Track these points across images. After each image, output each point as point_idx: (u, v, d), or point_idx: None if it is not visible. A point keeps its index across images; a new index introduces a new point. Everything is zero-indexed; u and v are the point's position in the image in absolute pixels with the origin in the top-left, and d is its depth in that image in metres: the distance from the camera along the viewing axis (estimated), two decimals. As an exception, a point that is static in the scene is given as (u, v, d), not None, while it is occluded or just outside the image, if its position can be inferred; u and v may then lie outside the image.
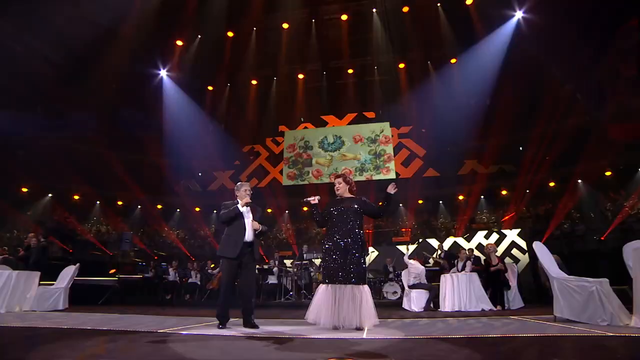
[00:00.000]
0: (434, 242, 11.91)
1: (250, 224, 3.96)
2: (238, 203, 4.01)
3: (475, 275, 7.02)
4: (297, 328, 3.78)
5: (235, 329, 3.69)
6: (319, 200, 4.20)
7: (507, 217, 12.72)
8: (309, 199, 4.18)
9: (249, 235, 3.92)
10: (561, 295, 4.32)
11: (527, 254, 11.28)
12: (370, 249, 11.78)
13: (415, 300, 6.91)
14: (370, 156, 16.59)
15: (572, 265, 7.66)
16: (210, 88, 16.62)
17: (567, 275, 4.46)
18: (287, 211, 17.22)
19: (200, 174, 18.36)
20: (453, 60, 14.26)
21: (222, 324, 3.73)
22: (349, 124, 17.43)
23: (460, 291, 6.83)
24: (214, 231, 16.83)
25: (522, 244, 11.64)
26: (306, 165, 16.93)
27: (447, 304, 6.80)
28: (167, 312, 6.07)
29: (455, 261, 8.06)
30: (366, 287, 3.79)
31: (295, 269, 9.58)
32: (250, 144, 17.93)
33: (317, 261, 9.87)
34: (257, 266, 9.72)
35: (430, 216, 16.00)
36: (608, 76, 10.40)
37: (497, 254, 7.89)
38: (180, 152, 15.96)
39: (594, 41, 10.00)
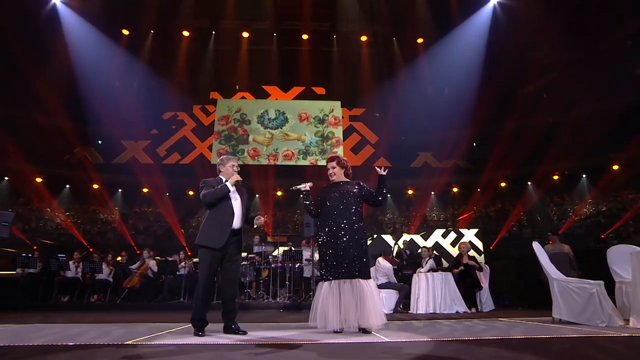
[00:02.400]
0: (389, 239, 12.36)
1: (239, 207, 3.83)
2: (223, 180, 3.85)
3: (450, 275, 7.43)
4: (293, 333, 3.74)
5: (220, 335, 3.54)
6: (310, 187, 4.18)
7: (463, 216, 13.94)
8: (298, 186, 4.12)
9: (237, 222, 3.77)
10: (561, 296, 4.78)
11: (483, 255, 12.30)
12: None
13: (384, 301, 7.04)
14: (317, 138, 16.79)
15: (519, 268, 8.89)
16: (125, 32, 15.25)
17: (565, 277, 5.04)
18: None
19: (100, 142, 16.94)
20: (420, 40, 15.08)
21: (201, 331, 3.54)
22: (295, 98, 17.41)
23: (435, 292, 7.13)
24: (121, 214, 15.80)
25: (479, 244, 12.57)
26: (241, 142, 16.61)
27: (420, 305, 7.07)
28: (79, 318, 5.61)
29: (424, 261, 8.50)
30: (372, 282, 3.81)
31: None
32: (173, 111, 17.01)
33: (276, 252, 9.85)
34: (195, 260, 9.48)
35: (376, 210, 16.89)
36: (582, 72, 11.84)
37: (469, 253, 8.33)
38: (79, 111, 14.59)
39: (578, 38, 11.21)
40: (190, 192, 16.89)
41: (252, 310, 7.71)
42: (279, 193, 17.12)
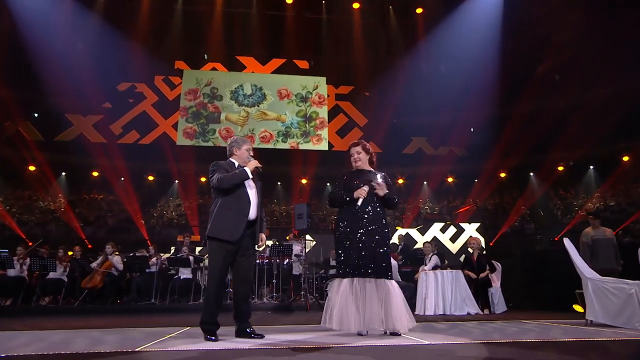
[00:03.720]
0: None
1: (255, 196, 3.80)
2: (235, 165, 3.86)
3: (460, 273, 7.39)
4: (312, 336, 3.73)
5: (237, 340, 3.45)
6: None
7: (463, 209, 13.91)
8: (359, 194, 3.83)
9: (253, 211, 3.74)
10: (595, 297, 4.81)
11: (484, 252, 12.48)
12: (307, 237, 11.87)
13: None
14: (299, 118, 16.35)
15: (525, 267, 8.87)
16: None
17: (600, 276, 5.04)
18: (176, 181, 16.05)
19: (36, 115, 15.68)
20: (419, 10, 14.78)
21: (213, 335, 3.43)
22: (274, 72, 16.81)
23: (444, 291, 7.10)
24: (68, 202, 14.67)
25: (482, 240, 12.69)
26: (212, 120, 15.84)
27: (428, 305, 7.05)
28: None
29: (427, 257, 8.48)
30: (395, 282, 3.86)
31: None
32: (131, 81, 15.92)
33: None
34: (164, 255, 9.30)
35: (364, 201, 16.62)
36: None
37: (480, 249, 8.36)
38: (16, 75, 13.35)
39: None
40: (150, 177, 15.96)
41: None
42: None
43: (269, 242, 9.41)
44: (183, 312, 7.42)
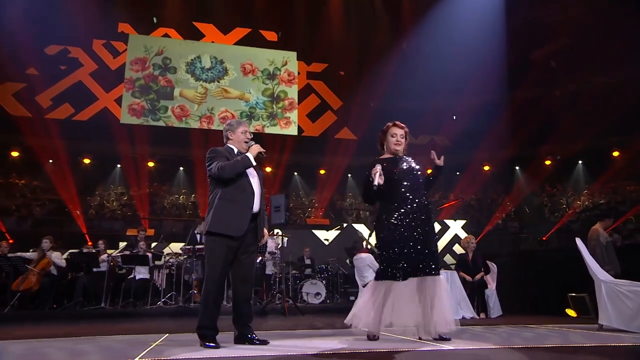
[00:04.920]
0: (362, 229, 12.12)
1: (257, 186, 3.81)
2: (235, 151, 3.84)
3: (455, 275, 7.43)
4: (323, 341, 3.83)
5: (241, 347, 3.47)
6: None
7: (447, 205, 13.88)
8: (374, 179, 3.75)
9: (256, 203, 3.75)
10: (609, 301, 4.93)
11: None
12: (277, 231, 11.56)
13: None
14: (265, 98, 15.79)
15: (513, 268, 8.82)
16: None
17: (614, 279, 5.18)
18: (118, 165, 15.02)
19: None
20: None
21: (213, 341, 3.44)
22: (237, 43, 16.10)
23: None
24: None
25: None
26: (164, 96, 14.88)
27: None
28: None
29: None
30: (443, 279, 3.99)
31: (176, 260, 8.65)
32: (63, 44, 14.58)
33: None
34: (113, 253, 8.80)
35: (335, 193, 16.31)
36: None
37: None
38: None
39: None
40: (87, 160, 14.78)
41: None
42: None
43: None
44: (141, 317, 7.17)
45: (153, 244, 9.57)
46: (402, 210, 3.80)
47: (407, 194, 3.82)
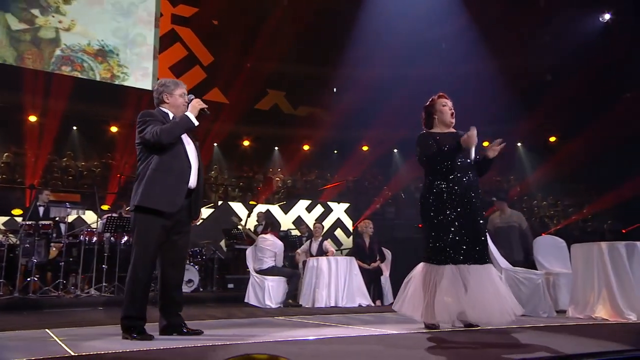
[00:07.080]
0: (239, 208, 12.00)
1: (194, 156, 3.75)
2: (170, 115, 3.76)
3: (354, 262, 7.80)
4: (261, 330, 4.26)
5: (175, 338, 3.53)
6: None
7: (330, 185, 14.03)
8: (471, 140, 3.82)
9: (193, 177, 3.72)
10: (509, 287, 5.54)
11: (351, 237, 12.70)
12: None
13: (272, 292, 7.40)
14: (118, 40, 14.20)
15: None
16: None
17: (512, 267, 5.86)
18: None
19: None
20: None
21: (141, 333, 3.45)
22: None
23: (338, 281, 7.49)
24: None
25: (349, 223, 13.07)
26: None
27: (318, 297, 7.33)
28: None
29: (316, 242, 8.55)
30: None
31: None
32: None
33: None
34: None
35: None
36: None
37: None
38: None
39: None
40: None
41: (50, 309, 7.03)
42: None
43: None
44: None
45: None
46: (459, 192, 3.87)
47: (461, 172, 3.90)
